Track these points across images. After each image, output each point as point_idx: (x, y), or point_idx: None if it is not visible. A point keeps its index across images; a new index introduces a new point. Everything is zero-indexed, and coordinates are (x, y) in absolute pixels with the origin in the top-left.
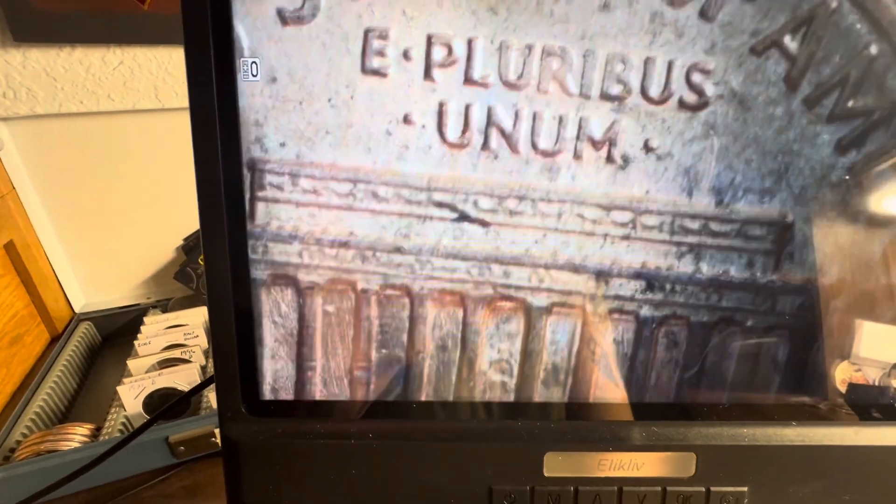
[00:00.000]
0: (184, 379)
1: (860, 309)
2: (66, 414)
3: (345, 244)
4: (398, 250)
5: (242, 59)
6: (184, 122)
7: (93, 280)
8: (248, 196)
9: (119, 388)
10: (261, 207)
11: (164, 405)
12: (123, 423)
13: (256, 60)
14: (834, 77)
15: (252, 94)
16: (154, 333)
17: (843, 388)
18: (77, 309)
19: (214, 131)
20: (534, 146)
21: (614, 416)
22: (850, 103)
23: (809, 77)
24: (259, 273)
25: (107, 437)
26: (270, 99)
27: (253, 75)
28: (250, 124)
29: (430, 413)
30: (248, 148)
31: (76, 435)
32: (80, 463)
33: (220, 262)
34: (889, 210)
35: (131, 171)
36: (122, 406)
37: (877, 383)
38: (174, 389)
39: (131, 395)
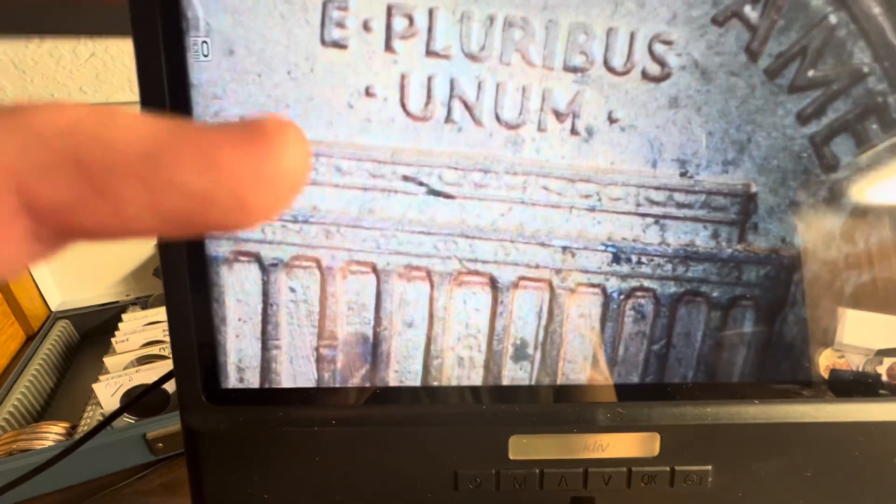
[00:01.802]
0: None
1: (834, 287)
2: (41, 413)
3: (308, 220)
4: (363, 225)
5: (193, 39)
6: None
7: (70, 278)
8: None
9: (95, 386)
10: None
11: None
12: (100, 421)
13: (207, 40)
14: (794, 47)
15: (207, 69)
16: (132, 330)
17: (825, 375)
18: (53, 307)
19: (164, 105)
20: (497, 118)
21: (579, 397)
22: (811, 73)
23: (770, 47)
24: (220, 250)
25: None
26: (228, 72)
27: (204, 55)
28: (209, 98)
29: (394, 398)
30: (207, 122)
31: (51, 433)
32: (55, 461)
33: (176, 241)
34: (849, 182)
35: None
36: (98, 404)
37: (860, 369)
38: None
39: (108, 393)
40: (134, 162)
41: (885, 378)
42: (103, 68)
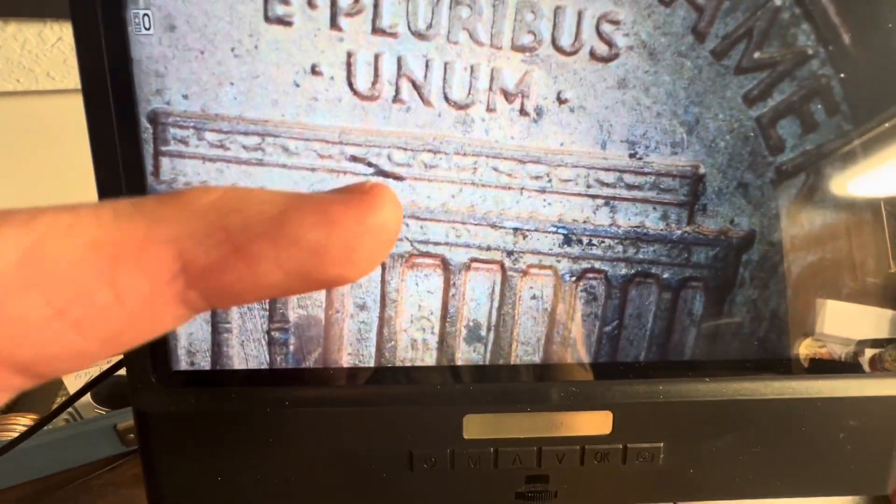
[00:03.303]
0: None
1: (781, 270)
2: (10, 406)
3: None
4: None
5: (134, 11)
6: None
7: None
8: (151, 151)
9: (63, 377)
10: (165, 163)
11: (113, 392)
12: (70, 413)
13: (148, 12)
14: (740, 28)
15: (150, 43)
16: None
17: (806, 364)
18: None
19: (105, 82)
20: (446, 98)
21: (532, 376)
22: (756, 55)
23: (717, 28)
24: None
25: (51, 427)
26: (170, 48)
27: (146, 28)
28: (151, 75)
29: (348, 378)
30: (149, 100)
31: (18, 425)
32: (20, 451)
33: None
34: (797, 164)
35: (77, 153)
36: (67, 395)
37: (843, 359)
38: (123, 376)
39: (77, 384)
40: (266, 224)
41: (867, 368)
42: (71, 53)
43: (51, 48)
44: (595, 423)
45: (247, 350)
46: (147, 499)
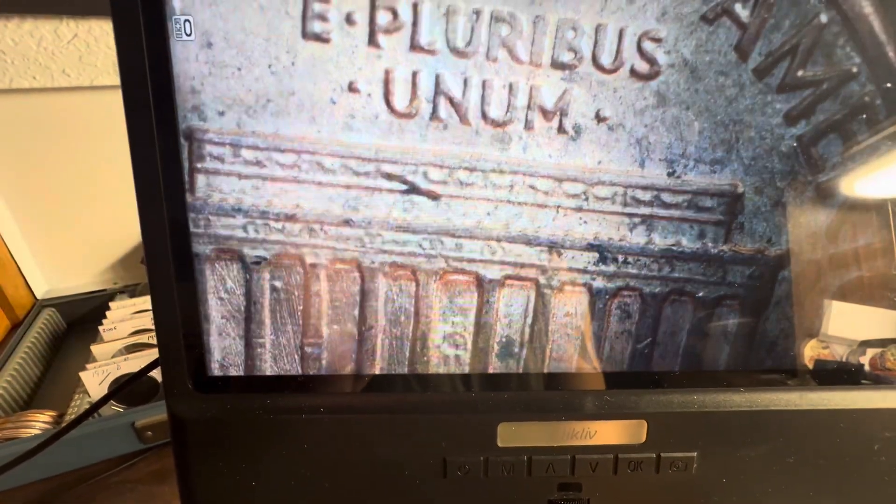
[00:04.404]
0: None
1: (819, 282)
2: (28, 402)
3: (291, 217)
4: (347, 223)
5: (174, 18)
6: None
7: (55, 266)
8: (186, 167)
9: (82, 374)
10: (201, 179)
11: (131, 389)
12: (86, 409)
13: (189, 18)
14: (784, 46)
15: (187, 59)
16: (120, 318)
17: (810, 365)
18: (39, 295)
19: (147, 96)
20: (484, 116)
21: (567, 385)
22: (800, 73)
23: (760, 46)
24: (202, 247)
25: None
26: (207, 65)
27: (186, 34)
28: (186, 91)
29: (382, 386)
30: (185, 116)
31: (37, 422)
32: (41, 449)
33: (159, 235)
34: (837, 182)
35: (92, 150)
36: (86, 392)
37: (844, 360)
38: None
39: (96, 381)
40: None
41: (867, 368)
42: (86, 50)
43: (66, 45)
44: (629, 431)
45: (280, 365)
46: (181, 502)
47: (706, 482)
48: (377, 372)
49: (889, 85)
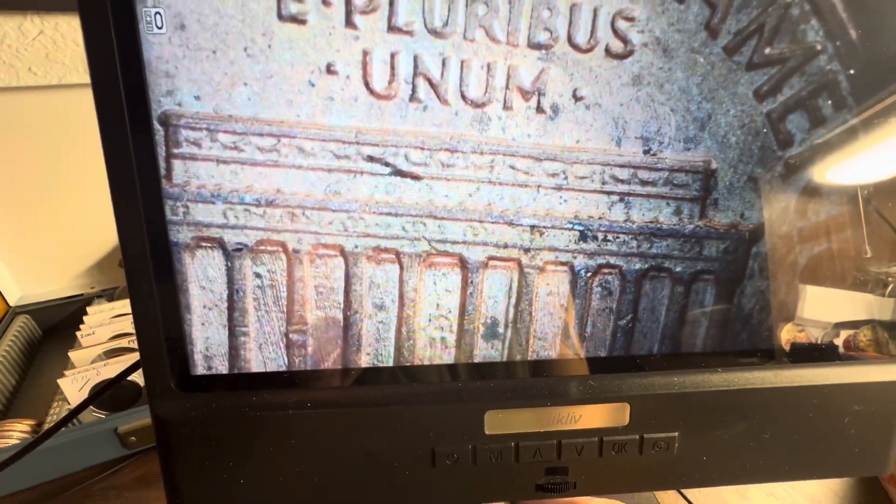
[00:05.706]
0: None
1: (790, 256)
2: (4, 412)
3: (272, 203)
4: (329, 208)
5: (145, 10)
6: None
7: (29, 271)
8: (163, 153)
9: (60, 381)
10: (178, 165)
11: (112, 395)
12: (65, 416)
13: (160, 11)
14: (752, 24)
15: (160, 45)
16: (99, 323)
17: (787, 348)
18: (12, 302)
19: (117, 80)
20: (463, 96)
21: (552, 371)
22: (767, 50)
23: (729, 24)
24: (181, 236)
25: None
26: (181, 48)
27: (158, 27)
28: (160, 76)
29: (369, 379)
30: (160, 101)
31: (15, 431)
32: (19, 457)
33: (135, 226)
34: (806, 158)
35: (63, 150)
36: (65, 400)
37: (819, 342)
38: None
39: (75, 388)
40: None
41: (841, 349)
42: (53, 47)
43: (32, 42)
44: (613, 415)
45: (265, 353)
46: None
47: (687, 461)
48: (364, 357)
49: (851, 61)
